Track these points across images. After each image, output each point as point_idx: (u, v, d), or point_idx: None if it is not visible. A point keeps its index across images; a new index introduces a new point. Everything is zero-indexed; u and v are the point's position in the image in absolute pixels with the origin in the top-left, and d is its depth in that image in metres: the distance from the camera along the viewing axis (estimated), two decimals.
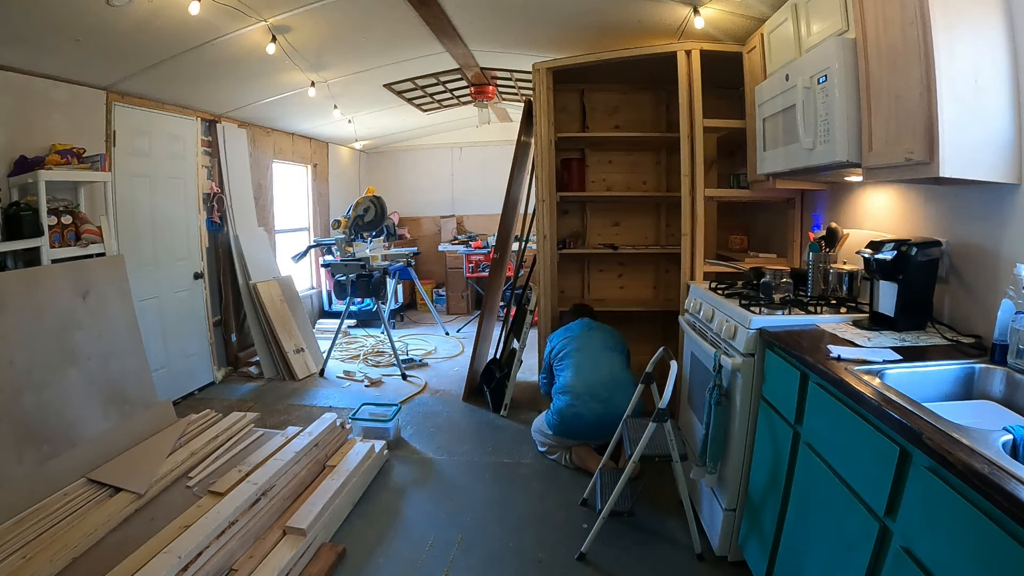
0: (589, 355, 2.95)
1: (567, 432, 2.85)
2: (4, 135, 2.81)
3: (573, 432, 2.84)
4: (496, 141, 6.84)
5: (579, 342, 3.02)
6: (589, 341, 3.02)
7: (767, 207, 3.33)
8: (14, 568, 1.85)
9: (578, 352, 2.97)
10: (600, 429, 2.75)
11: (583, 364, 2.92)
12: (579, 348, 2.99)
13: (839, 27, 1.87)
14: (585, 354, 2.96)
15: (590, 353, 2.96)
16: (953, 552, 0.98)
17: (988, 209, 1.64)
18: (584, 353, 2.96)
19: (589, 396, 2.79)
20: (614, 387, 2.80)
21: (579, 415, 2.78)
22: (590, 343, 3.01)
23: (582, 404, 2.78)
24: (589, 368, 2.89)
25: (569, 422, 2.81)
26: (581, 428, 2.81)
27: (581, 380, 2.85)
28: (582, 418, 2.78)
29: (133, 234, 3.62)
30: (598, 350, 2.97)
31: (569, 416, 2.80)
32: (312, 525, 2.20)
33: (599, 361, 2.92)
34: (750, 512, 1.96)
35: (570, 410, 2.80)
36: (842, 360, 1.50)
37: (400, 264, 5.57)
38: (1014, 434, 1.08)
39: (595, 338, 3.04)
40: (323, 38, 3.30)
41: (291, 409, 3.81)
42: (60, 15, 2.46)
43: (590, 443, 2.91)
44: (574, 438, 2.88)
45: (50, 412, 2.52)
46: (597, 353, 2.96)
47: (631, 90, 3.78)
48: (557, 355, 3.04)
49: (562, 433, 2.87)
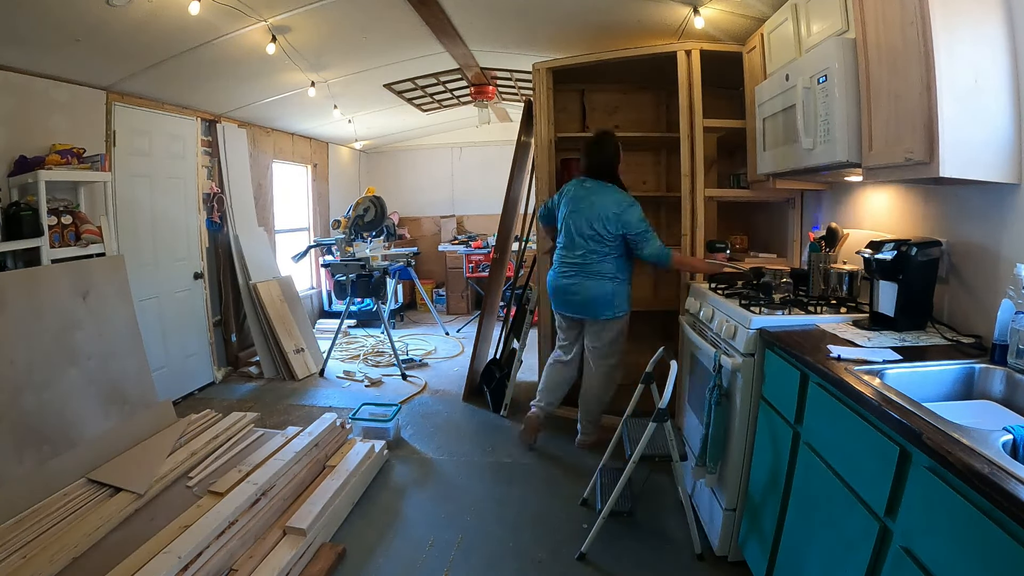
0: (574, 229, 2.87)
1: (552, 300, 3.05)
2: (4, 135, 2.81)
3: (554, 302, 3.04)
4: (496, 141, 6.83)
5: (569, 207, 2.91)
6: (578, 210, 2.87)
7: (767, 207, 3.33)
8: (14, 568, 1.85)
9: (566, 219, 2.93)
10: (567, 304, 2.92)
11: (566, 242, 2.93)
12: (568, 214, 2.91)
13: (839, 27, 1.87)
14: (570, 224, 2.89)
15: (575, 227, 2.86)
16: (953, 552, 0.98)
17: (988, 209, 1.64)
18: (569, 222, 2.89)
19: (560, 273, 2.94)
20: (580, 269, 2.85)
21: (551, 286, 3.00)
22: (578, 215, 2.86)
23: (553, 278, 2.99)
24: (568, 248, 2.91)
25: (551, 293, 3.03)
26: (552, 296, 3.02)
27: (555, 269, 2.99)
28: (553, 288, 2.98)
29: (133, 234, 3.62)
30: (583, 226, 2.83)
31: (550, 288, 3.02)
32: (312, 525, 2.20)
33: (577, 246, 2.86)
34: (750, 512, 1.96)
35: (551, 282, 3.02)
36: (842, 360, 1.50)
37: (400, 264, 5.57)
38: (1014, 434, 1.08)
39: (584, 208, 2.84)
40: (323, 38, 3.30)
41: (291, 409, 3.81)
42: (60, 15, 2.46)
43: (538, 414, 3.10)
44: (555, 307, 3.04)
45: (50, 412, 2.52)
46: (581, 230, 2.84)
47: (631, 90, 3.78)
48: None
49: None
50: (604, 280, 2.80)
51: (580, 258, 2.83)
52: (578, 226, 2.83)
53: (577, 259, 2.84)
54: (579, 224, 2.82)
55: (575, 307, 2.89)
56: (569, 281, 2.87)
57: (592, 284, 2.81)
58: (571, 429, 3.23)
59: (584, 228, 2.81)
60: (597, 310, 2.82)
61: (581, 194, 2.88)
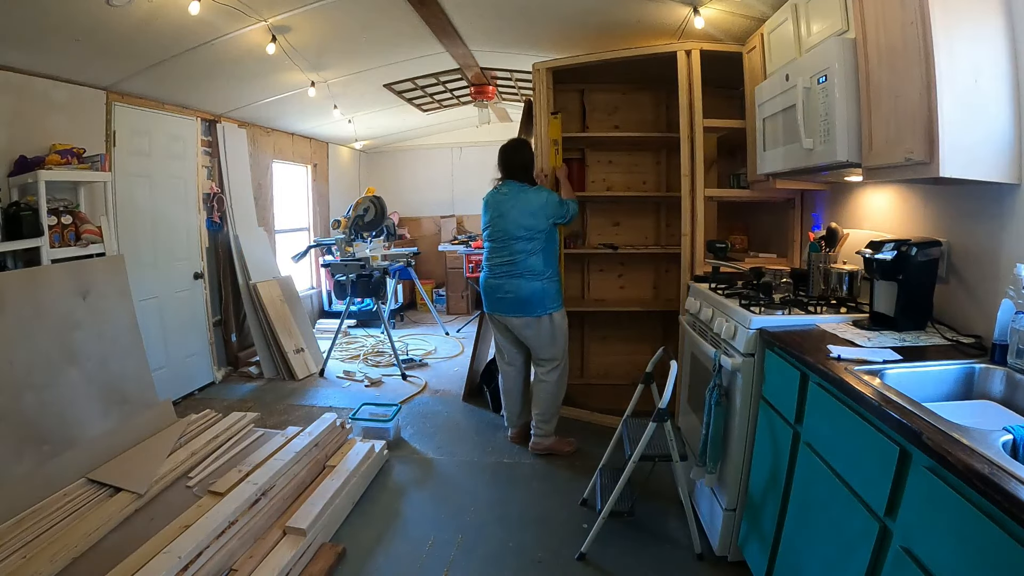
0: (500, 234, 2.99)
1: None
2: (4, 135, 2.81)
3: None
4: (496, 141, 6.72)
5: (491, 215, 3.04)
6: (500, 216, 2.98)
7: (767, 207, 3.33)
8: (14, 568, 1.85)
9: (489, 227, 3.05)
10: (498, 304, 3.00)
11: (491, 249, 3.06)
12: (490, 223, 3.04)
13: (839, 27, 1.87)
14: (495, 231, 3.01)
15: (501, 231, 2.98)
16: (953, 552, 0.98)
17: (988, 209, 1.64)
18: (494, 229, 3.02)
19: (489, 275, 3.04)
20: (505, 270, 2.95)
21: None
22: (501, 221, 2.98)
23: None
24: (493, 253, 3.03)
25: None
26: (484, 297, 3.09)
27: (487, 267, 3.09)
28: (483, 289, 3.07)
29: (133, 234, 3.62)
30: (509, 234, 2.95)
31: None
32: (312, 525, 2.20)
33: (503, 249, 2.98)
34: (750, 512, 1.96)
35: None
36: (842, 360, 1.50)
37: (400, 264, 5.57)
38: (1014, 434, 1.08)
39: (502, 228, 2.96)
40: (323, 38, 3.30)
41: (291, 409, 3.81)
42: (60, 15, 2.46)
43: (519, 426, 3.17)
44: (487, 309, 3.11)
45: (50, 412, 2.52)
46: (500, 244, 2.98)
47: (631, 90, 3.78)
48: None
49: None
50: (533, 279, 2.91)
51: (509, 258, 2.94)
52: (505, 229, 2.94)
53: (506, 260, 2.95)
54: (506, 227, 2.93)
55: (508, 305, 2.96)
56: (500, 281, 2.97)
57: (523, 283, 2.91)
58: (570, 427, 3.24)
59: (511, 229, 2.92)
60: (530, 307, 2.91)
61: (500, 199, 2.99)
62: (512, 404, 3.19)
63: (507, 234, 2.93)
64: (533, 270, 2.90)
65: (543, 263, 2.93)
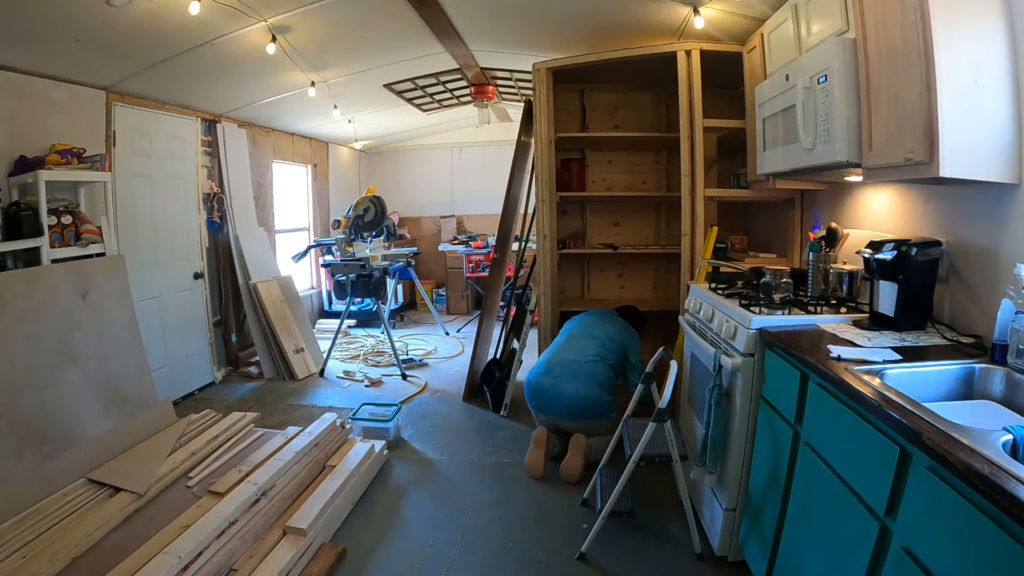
0: (566, 337, 3.17)
1: (528, 399, 3.08)
2: (4, 135, 2.81)
3: (530, 400, 3.06)
4: (496, 141, 6.83)
5: (569, 326, 3.26)
6: (576, 325, 3.22)
7: (767, 207, 3.33)
8: (14, 568, 1.85)
9: (561, 334, 3.23)
10: (550, 403, 2.94)
11: (555, 344, 3.19)
12: (564, 331, 3.25)
13: (839, 27, 1.87)
14: (563, 336, 3.20)
15: (568, 336, 3.17)
16: (953, 552, 0.98)
17: (988, 209, 1.64)
18: (563, 335, 3.21)
19: (544, 372, 3.02)
20: (566, 368, 2.95)
21: (532, 385, 3.04)
22: (575, 328, 3.20)
23: (535, 377, 3.05)
24: (555, 348, 3.14)
25: (527, 390, 3.08)
26: (532, 397, 3.04)
27: (544, 356, 3.16)
28: (533, 388, 3.02)
29: (133, 234, 3.62)
30: (577, 335, 3.12)
31: (527, 384, 3.08)
32: (312, 525, 2.20)
33: (567, 345, 3.10)
34: (750, 512, 1.96)
35: (529, 379, 3.08)
36: (842, 360, 1.50)
37: (400, 264, 5.57)
38: (1014, 434, 1.08)
39: (585, 324, 3.18)
40: (323, 38, 3.30)
41: (291, 409, 3.80)
42: (60, 15, 2.45)
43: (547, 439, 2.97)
44: (533, 408, 3.06)
45: (50, 412, 2.52)
46: (574, 338, 3.12)
47: (631, 90, 3.78)
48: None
49: (528, 400, 3.10)
50: (592, 385, 2.86)
51: (575, 354, 2.96)
52: (581, 329, 3.09)
53: (570, 356, 2.96)
54: (583, 328, 3.10)
55: (560, 408, 2.89)
56: (554, 380, 2.93)
57: (581, 386, 2.86)
58: None
59: (587, 330, 3.06)
60: (586, 412, 2.86)
61: (590, 319, 3.19)
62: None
63: (581, 332, 3.06)
64: (595, 376, 2.88)
65: (607, 375, 2.91)
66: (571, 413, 2.88)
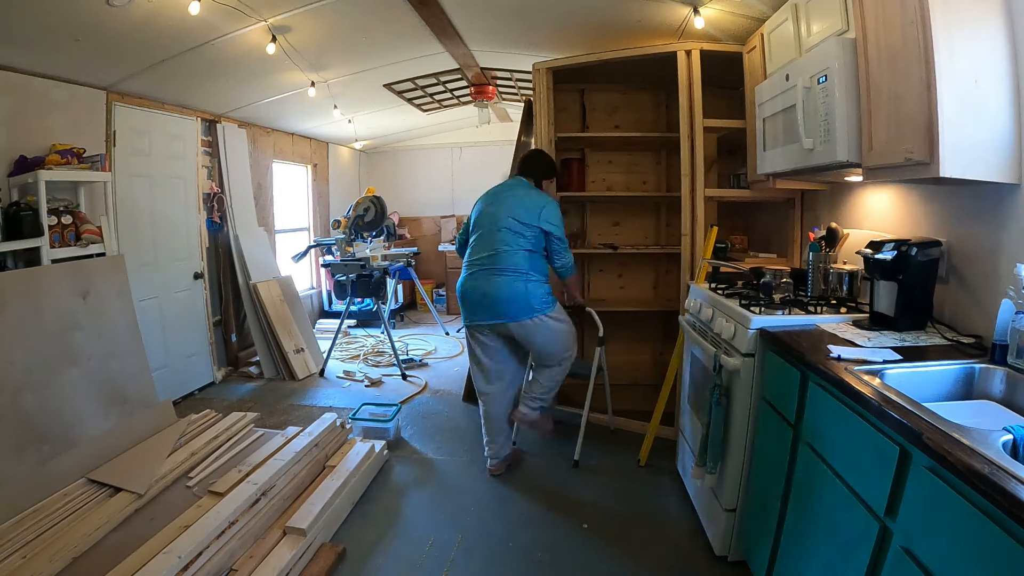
0: (476, 237, 2.76)
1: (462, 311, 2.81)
2: (4, 135, 2.81)
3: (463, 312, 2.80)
4: (496, 141, 6.83)
5: (476, 219, 2.79)
6: (481, 217, 2.75)
7: (767, 207, 3.33)
8: (14, 568, 1.85)
9: (472, 231, 2.79)
10: (477, 308, 2.67)
11: (469, 246, 2.79)
12: (473, 228, 2.79)
13: (839, 27, 1.87)
14: (474, 235, 2.77)
15: (478, 236, 2.75)
16: (953, 552, 0.98)
17: (988, 209, 1.64)
18: (474, 234, 2.78)
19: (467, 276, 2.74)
20: (483, 268, 2.66)
21: (459, 294, 2.77)
22: (482, 222, 2.74)
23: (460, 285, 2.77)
24: (470, 250, 2.78)
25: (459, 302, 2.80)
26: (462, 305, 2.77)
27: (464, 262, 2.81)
28: (460, 296, 2.76)
29: (133, 234, 3.62)
30: (484, 234, 2.71)
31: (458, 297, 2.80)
32: (312, 525, 2.20)
33: (478, 246, 2.73)
34: (750, 512, 1.96)
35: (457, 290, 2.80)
36: (842, 360, 1.50)
37: (400, 264, 5.57)
38: (1014, 434, 1.08)
39: (488, 216, 2.71)
40: (323, 38, 3.30)
41: (291, 409, 3.80)
42: (60, 15, 2.45)
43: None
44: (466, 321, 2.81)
45: (50, 412, 2.52)
46: (483, 237, 2.71)
47: (631, 90, 3.78)
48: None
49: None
50: (516, 278, 2.58)
51: (490, 253, 2.62)
52: (493, 217, 2.66)
53: (486, 255, 2.63)
54: (495, 215, 2.66)
55: (487, 310, 2.63)
56: (476, 282, 2.65)
57: (502, 281, 2.57)
58: (570, 430, 3.23)
59: (500, 219, 2.63)
60: (512, 311, 2.58)
61: (499, 190, 2.78)
62: (496, 431, 2.81)
63: (495, 222, 2.63)
64: (516, 267, 2.58)
65: (527, 263, 2.60)
66: (502, 313, 2.61)
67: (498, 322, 2.65)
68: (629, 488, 2.69)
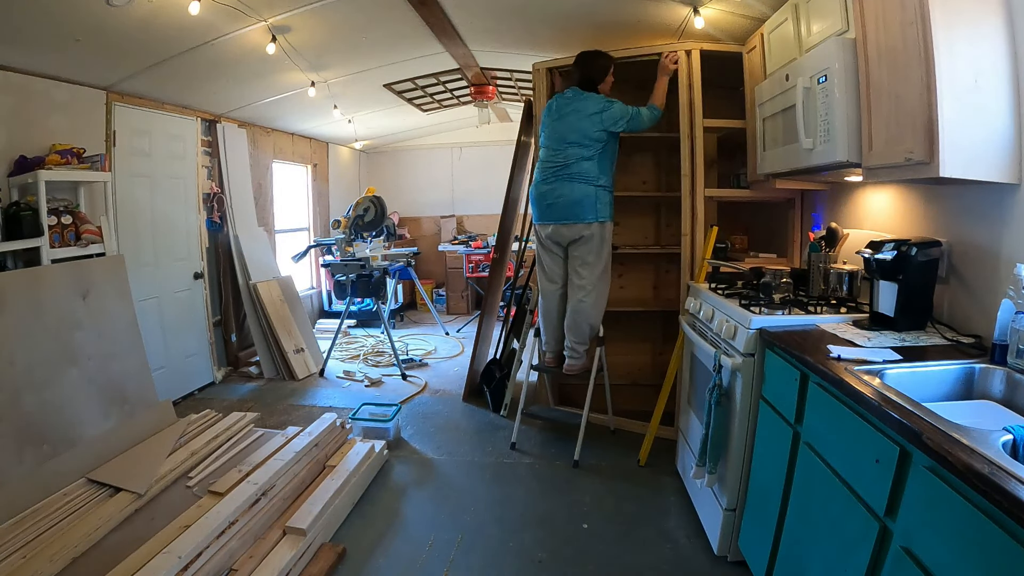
0: (544, 149, 3.00)
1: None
2: (4, 135, 2.81)
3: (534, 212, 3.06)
4: (496, 141, 6.83)
5: (545, 132, 3.03)
6: (551, 132, 2.98)
7: (767, 207, 3.33)
8: (14, 568, 1.85)
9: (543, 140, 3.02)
10: (550, 209, 2.93)
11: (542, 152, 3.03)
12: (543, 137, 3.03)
13: (839, 27, 1.87)
14: (543, 145, 3.02)
15: (545, 147, 3.00)
16: (953, 552, 0.98)
17: (988, 209, 1.64)
18: (543, 142, 3.02)
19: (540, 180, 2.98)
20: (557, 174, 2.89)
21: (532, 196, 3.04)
22: (551, 138, 2.97)
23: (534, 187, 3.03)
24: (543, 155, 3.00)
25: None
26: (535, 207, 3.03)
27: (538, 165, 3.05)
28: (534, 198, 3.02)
29: (133, 234, 3.62)
30: (552, 144, 2.95)
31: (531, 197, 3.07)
32: (312, 525, 2.20)
33: (550, 153, 2.96)
34: (750, 512, 1.96)
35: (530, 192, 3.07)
36: (842, 360, 1.50)
37: (400, 264, 5.57)
38: (1014, 434, 1.08)
39: (556, 132, 2.95)
40: (323, 38, 3.30)
41: (291, 409, 3.81)
42: (60, 15, 2.45)
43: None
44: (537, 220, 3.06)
45: (50, 412, 2.52)
46: (551, 150, 2.96)
47: (631, 90, 3.77)
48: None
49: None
50: (587, 184, 2.84)
51: (562, 161, 2.87)
52: (561, 132, 2.90)
53: (559, 163, 2.88)
54: (562, 130, 2.89)
55: (558, 211, 2.89)
56: (551, 186, 2.91)
57: (576, 187, 2.84)
58: (570, 430, 3.23)
59: (567, 133, 2.87)
60: (581, 212, 2.84)
61: (562, 103, 2.96)
62: (551, 327, 3.16)
63: (562, 137, 2.88)
64: (586, 174, 2.83)
65: (597, 169, 2.85)
66: (571, 215, 2.87)
67: (564, 223, 2.90)
68: (629, 488, 2.69)
